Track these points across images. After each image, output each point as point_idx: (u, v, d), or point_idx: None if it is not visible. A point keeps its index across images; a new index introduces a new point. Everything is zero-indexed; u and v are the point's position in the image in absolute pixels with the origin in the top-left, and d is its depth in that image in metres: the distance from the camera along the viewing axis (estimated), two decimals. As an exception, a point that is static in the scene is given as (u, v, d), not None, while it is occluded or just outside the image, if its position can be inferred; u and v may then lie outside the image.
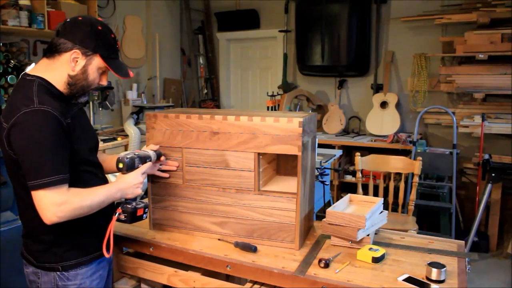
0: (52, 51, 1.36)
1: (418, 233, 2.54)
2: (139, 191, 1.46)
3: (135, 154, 1.49)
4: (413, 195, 2.78)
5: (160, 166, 1.69)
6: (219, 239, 1.66)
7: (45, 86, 1.34)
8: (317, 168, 2.42)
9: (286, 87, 4.80)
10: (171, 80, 5.25)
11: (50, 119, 1.26)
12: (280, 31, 4.97)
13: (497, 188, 3.63)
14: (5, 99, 3.28)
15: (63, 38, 1.35)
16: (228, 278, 1.65)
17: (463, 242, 1.70)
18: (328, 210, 1.60)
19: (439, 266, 1.35)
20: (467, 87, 3.83)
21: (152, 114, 1.70)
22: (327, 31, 4.39)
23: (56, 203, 1.25)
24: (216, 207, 1.66)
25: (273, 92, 4.75)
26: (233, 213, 1.64)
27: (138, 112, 4.14)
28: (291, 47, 4.92)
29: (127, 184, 1.43)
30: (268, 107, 4.57)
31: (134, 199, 1.49)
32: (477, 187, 3.74)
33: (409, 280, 1.35)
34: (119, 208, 1.46)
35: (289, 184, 1.66)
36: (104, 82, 1.46)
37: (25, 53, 3.46)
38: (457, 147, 3.69)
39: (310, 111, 4.29)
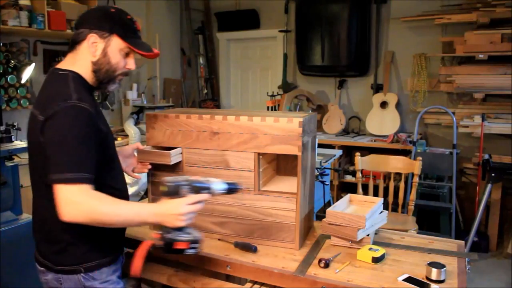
0: (72, 44, 1.37)
1: (418, 233, 2.53)
2: (180, 223, 1.28)
3: (187, 181, 1.32)
4: (413, 195, 2.78)
5: (134, 169, 1.69)
6: (219, 239, 1.66)
7: (78, 79, 1.34)
8: (317, 168, 2.42)
9: (286, 87, 4.80)
10: (171, 80, 5.25)
11: (87, 117, 1.25)
12: (280, 31, 4.97)
13: (497, 188, 3.63)
14: (6, 99, 3.28)
15: (78, 28, 1.35)
16: (228, 278, 1.65)
17: (463, 242, 1.70)
18: (328, 210, 1.60)
19: (439, 266, 1.35)
20: (467, 87, 3.83)
21: (152, 114, 1.70)
22: (327, 31, 4.39)
23: (73, 201, 1.19)
24: (216, 207, 1.66)
25: (273, 92, 4.75)
26: (233, 213, 1.64)
27: (138, 112, 4.15)
28: (291, 47, 4.92)
29: (164, 211, 1.28)
30: (268, 107, 4.57)
31: (181, 228, 1.30)
32: (477, 187, 3.74)
33: (409, 280, 1.35)
34: (157, 233, 1.30)
35: (289, 184, 1.66)
36: (131, 66, 1.41)
37: (25, 53, 3.47)
38: (457, 147, 3.69)
39: (310, 111, 4.29)
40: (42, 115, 1.25)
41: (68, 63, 1.37)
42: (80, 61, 1.36)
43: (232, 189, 1.39)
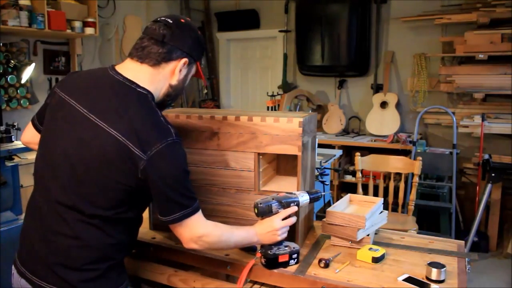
0: (157, 59, 1.22)
1: (418, 233, 2.54)
2: (276, 238, 1.38)
3: (273, 199, 1.40)
4: (413, 195, 2.78)
5: None
6: (219, 239, 1.66)
7: (154, 101, 1.24)
8: (317, 168, 2.42)
9: (286, 87, 4.81)
10: (171, 80, 5.24)
11: (184, 149, 1.22)
12: (280, 31, 4.97)
13: (497, 188, 3.63)
14: (6, 99, 3.29)
15: (172, 45, 1.22)
16: (228, 278, 1.65)
17: (463, 242, 1.70)
18: (328, 210, 1.60)
19: (439, 266, 1.35)
20: (467, 87, 3.83)
21: (152, 114, 1.69)
22: (327, 31, 4.40)
23: (200, 235, 1.24)
24: (216, 207, 1.66)
25: (273, 92, 4.76)
26: (233, 213, 1.64)
27: (138, 112, 4.15)
28: (291, 47, 4.92)
29: (262, 230, 1.38)
30: (268, 107, 4.58)
31: (279, 243, 1.41)
32: (477, 187, 3.74)
33: (409, 280, 1.35)
34: (259, 252, 1.42)
35: (289, 184, 1.66)
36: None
37: (25, 53, 3.47)
38: (457, 147, 3.69)
39: (310, 111, 4.29)
40: (139, 150, 1.12)
41: (145, 79, 1.22)
42: (160, 81, 1.24)
43: (314, 198, 1.49)
